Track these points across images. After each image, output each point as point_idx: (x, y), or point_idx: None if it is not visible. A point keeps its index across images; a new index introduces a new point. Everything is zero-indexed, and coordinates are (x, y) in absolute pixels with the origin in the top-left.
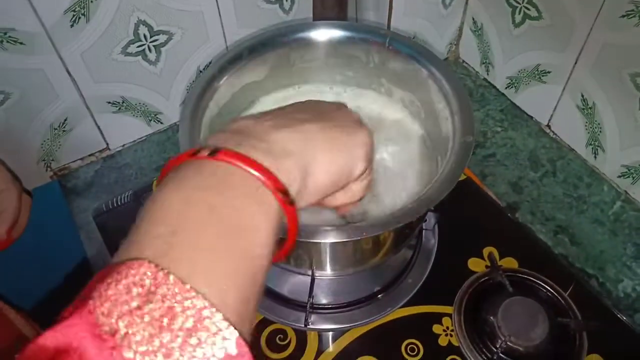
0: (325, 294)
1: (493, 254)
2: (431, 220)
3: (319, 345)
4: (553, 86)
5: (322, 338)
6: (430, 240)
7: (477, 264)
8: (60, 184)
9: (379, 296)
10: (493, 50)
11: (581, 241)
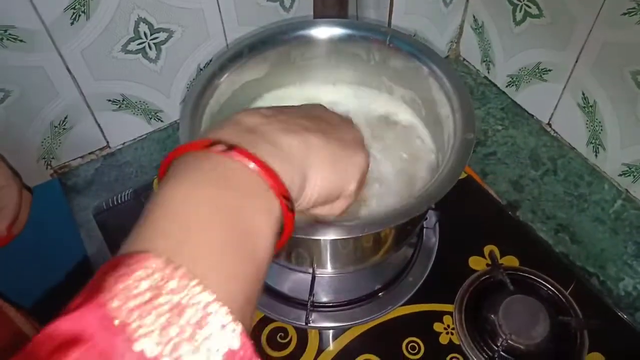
0: (326, 292)
1: (494, 252)
2: (432, 218)
3: (319, 344)
4: (554, 84)
5: (323, 336)
6: (431, 238)
7: (478, 262)
8: (61, 182)
9: (380, 294)
10: (494, 48)
11: (582, 240)
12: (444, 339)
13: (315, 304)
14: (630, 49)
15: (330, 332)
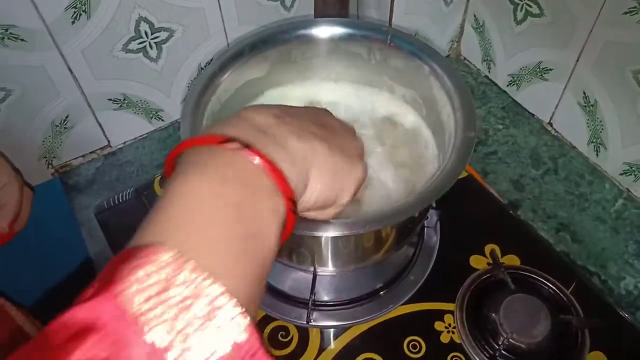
0: (327, 290)
1: (495, 251)
2: (433, 217)
3: (321, 342)
4: (555, 83)
5: (324, 335)
6: (432, 237)
7: (479, 261)
8: (62, 181)
9: (381, 293)
10: (494, 47)
11: (583, 239)
12: (445, 338)
13: (317, 303)
14: (631, 48)
15: (332, 331)
